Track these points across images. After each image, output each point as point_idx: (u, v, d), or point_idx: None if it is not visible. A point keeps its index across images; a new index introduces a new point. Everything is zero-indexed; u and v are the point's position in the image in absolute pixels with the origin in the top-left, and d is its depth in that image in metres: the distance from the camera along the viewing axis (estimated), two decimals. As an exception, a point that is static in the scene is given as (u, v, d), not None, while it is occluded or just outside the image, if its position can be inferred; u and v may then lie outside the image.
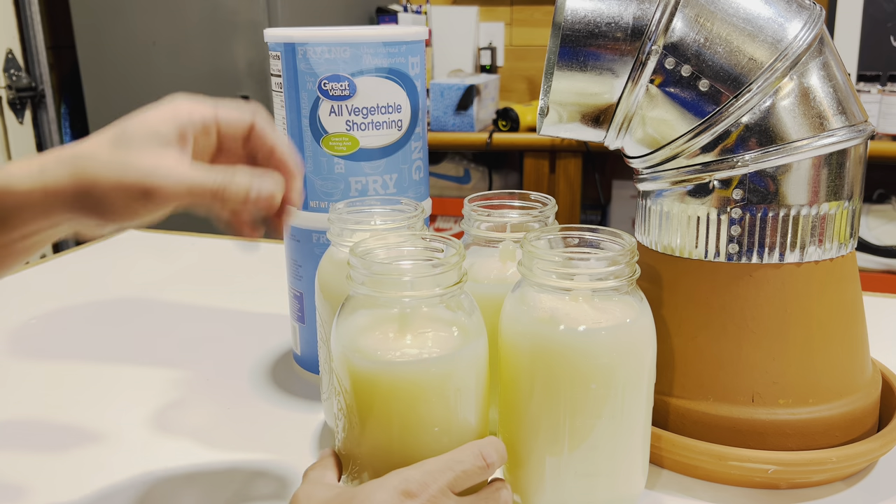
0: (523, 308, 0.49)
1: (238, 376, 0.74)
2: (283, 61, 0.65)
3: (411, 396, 0.45)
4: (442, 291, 0.46)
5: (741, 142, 0.54)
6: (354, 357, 0.45)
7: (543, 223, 0.58)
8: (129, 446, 0.63)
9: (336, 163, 0.66)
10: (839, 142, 0.53)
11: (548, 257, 0.48)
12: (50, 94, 2.35)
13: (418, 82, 0.67)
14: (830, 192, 0.54)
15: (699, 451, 0.55)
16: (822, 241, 0.55)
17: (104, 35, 2.13)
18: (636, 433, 0.50)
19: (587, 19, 0.53)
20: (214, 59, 2.05)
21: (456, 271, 0.46)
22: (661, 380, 0.57)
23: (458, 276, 0.46)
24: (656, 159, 0.57)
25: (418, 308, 0.46)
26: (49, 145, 2.39)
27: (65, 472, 0.59)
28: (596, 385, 0.47)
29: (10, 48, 2.23)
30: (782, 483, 0.55)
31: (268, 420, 0.67)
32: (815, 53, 0.54)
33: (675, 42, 0.53)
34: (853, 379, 0.58)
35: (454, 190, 2.45)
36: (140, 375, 0.75)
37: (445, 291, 0.46)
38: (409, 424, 0.45)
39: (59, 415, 0.68)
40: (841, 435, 0.56)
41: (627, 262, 0.47)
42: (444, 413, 0.46)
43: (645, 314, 0.49)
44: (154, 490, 0.57)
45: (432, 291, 0.45)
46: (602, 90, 0.55)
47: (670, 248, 0.58)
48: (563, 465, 0.49)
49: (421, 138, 0.69)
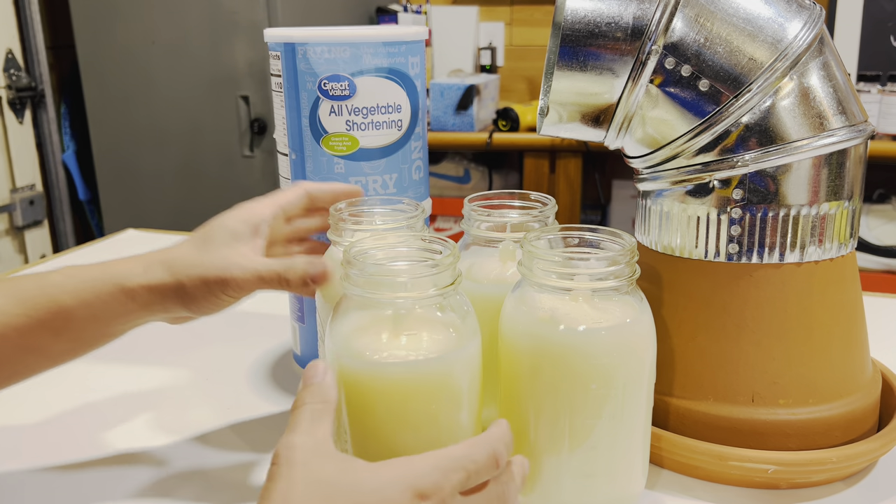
0: (523, 308, 0.49)
1: (238, 376, 0.74)
2: (283, 61, 0.65)
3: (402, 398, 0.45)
4: (436, 293, 0.45)
5: (741, 142, 0.54)
6: (345, 358, 0.45)
7: (543, 223, 0.58)
8: (128, 446, 0.63)
9: (336, 163, 0.66)
10: (839, 142, 0.53)
11: (548, 257, 0.48)
12: (50, 94, 2.35)
13: (418, 82, 0.67)
14: (830, 192, 0.54)
15: (699, 452, 0.55)
16: (822, 241, 0.55)
17: (104, 35, 2.13)
18: (636, 433, 0.50)
19: (587, 19, 0.53)
20: (214, 59, 2.05)
21: (450, 272, 0.46)
22: (661, 380, 0.57)
23: (452, 277, 0.46)
24: (656, 159, 0.57)
25: (412, 309, 0.46)
26: (49, 145, 2.39)
27: (64, 472, 0.59)
28: (596, 385, 0.47)
29: (9, 48, 2.23)
30: (782, 483, 0.55)
31: (268, 420, 0.67)
32: (815, 53, 0.54)
33: (675, 42, 0.53)
34: (853, 379, 0.57)
35: (454, 190, 2.45)
36: (140, 375, 0.75)
37: (440, 292, 0.45)
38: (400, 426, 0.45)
39: (59, 415, 0.68)
40: (841, 435, 0.56)
41: (627, 261, 0.47)
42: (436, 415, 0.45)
43: (645, 314, 0.49)
44: (154, 490, 0.57)
45: (426, 293, 0.45)
46: (602, 90, 0.55)
47: (670, 248, 0.58)
48: (563, 464, 0.49)
49: (421, 138, 0.68)
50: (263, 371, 0.75)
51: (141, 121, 2.16)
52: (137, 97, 2.15)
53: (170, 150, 2.16)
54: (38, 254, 2.37)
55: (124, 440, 0.64)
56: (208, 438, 0.64)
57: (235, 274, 0.51)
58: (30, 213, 2.31)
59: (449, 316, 0.47)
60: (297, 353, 0.74)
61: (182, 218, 2.17)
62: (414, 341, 0.46)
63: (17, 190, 2.27)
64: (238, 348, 0.80)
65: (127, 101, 2.16)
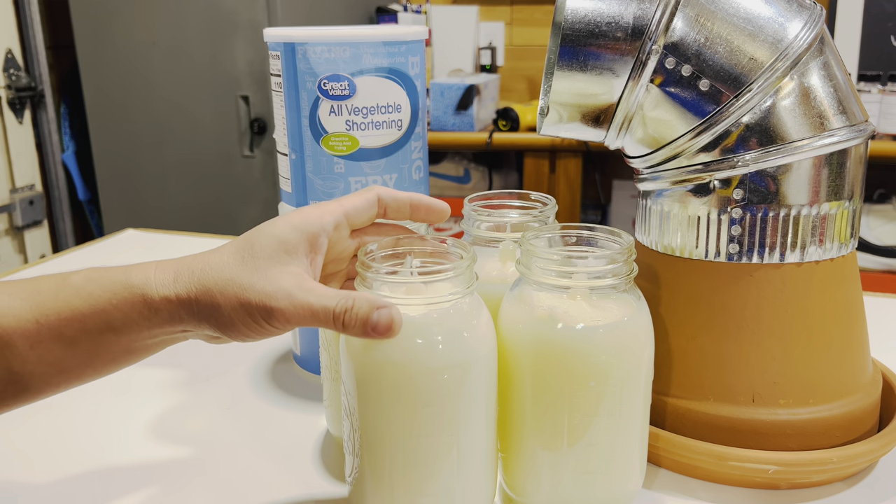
0: (522, 306, 0.49)
1: (238, 376, 0.74)
2: (282, 61, 0.65)
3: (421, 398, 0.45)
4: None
5: (741, 141, 0.53)
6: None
7: (543, 223, 0.58)
8: (128, 446, 0.63)
9: (336, 163, 0.66)
10: (840, 142, 0.53)
11: (546, 255, 0.48)
12: (49, 94, 2.35)
13: (418, 82, 0.67)
14: (831, 191, 0.54)
15: (699, 451, 0.55)
16: (822, 241, 0.55)
17: (104, 35, 2.13)
18: (634, 431, 0.50)
19: (587, 19, 0.53)
20: (214, 59, 2.05)
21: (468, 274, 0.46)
22: (662, 380, 0.57)
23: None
24: (657, 159, 0.57)
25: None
26: (49, 145, 2.40)
27: (64, 472, 0.59)
28: (594, 382, 0.47)
29: (9, 48, 2.23)
30: (782, 483, 0.55)
31: (268, 420, 0.67)
32: (816, 53, 0.54)
33: (676, 42, 0.53)
34: (853, 379, 0.57)
35: (454, 190, 2.45)
36: (139, 375, 0.75)
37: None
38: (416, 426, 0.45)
39: (59, 414, 0.68)
40: (841, 435, 0.56)
41: (625, 260, 0.48)
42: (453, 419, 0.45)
43: (642, 312, 0.49)
44: (153, 490, 0.57)
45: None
46: (602, 90, 0.55)
47: (670, 247, 0.58)
48: (561, 462, 0.49)
49: (421, 138, 0.68)
50: (263, 371, 0.75)
51: (141, 121, 2.16)
52: (137, 97, 2.15)
53: (170, 150, 2.16)
54: (38, 254, 2.37)
55: (124, 440, 0.64)
56: (208, 438, 0.64)
57: (283, 306, 0.42)
58: (29, 213, 2.31)
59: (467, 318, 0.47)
60: (296, 353, 0.74)
61: (182, 218, 2.17)
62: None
63: (17, 190, 2.28)
64: (238, 348, 0.80)
65: (127, 101, 2.16)
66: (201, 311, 0.43)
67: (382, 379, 0.45)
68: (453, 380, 0.45)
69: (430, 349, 0.45)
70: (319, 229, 0.45)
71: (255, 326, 0.43)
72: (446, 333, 0.45)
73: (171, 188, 2.19)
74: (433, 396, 0.45)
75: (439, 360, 0.45)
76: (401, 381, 0.45)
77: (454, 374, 0.45)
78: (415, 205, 0.49)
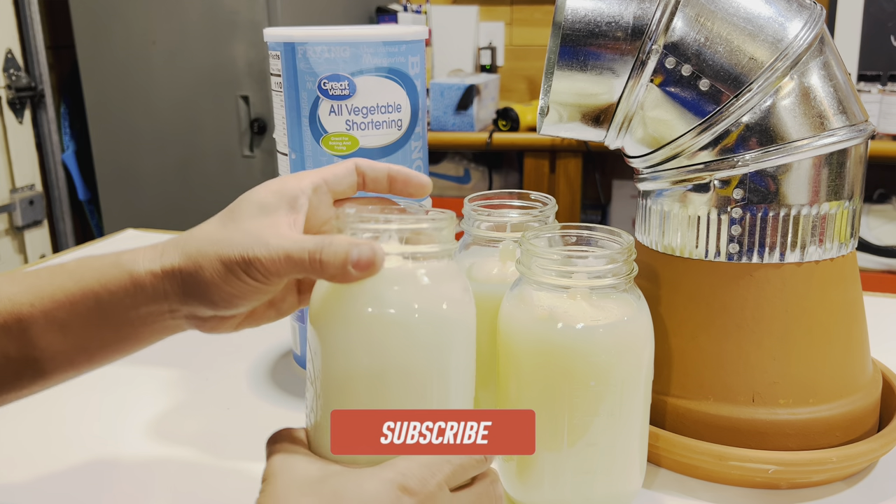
0: (522, 306, 0.49)
1: (238, 376, 0.74)
2: (282, 61, 0.65)
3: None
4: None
5: (741, 141, 0.53)
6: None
7: (543, 223, 0.58)
8: (128, 446, 0.63)
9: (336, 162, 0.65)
10: (840, 141, 0.53)
11: (546, 255, 0.48)
12: (49, 94, 2.35)
13: (418, 82, 0.67)
14: (831, 191, 0.54)
15: (699, 451, 0.55)
16: (822, 240, 0.55)
17: (104, 35, 2.13)
18: (634, 430, 0.50)
19: (587, 19, 0.53)
20: (214, 58, 2.05)
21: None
22: (662, 380, 0.57)
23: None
24: (656, 159, 0.57)
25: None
26: (49, 145, 2.40)
27: (64, 471, 0.59)
28: (594, 382, 0.47)
29: (9, 48, 2.23)
30: (783, 483, 0.55)
31: (268, 420, 0.67)
32: (816, 53, 0.54)
33: (676, 41, 0.53)
34: (853, 379, 0.57)
35: (454, 190, 2.45)
36: (139, 375, 0.75)
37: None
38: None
39: (58, 413, 0.68)
40: (841, 435, 0.56)
41: (625, 260, 0.48)
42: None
43: (642, 312, 0.49)
44: (153, 490, 0.57)
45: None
46: (602, 90, 0.55)
47: (670, 247, 0.58)
48: (561, 461, 0.49)
49: (421, 138, 0.68)
50: (263, 371, 0.75)
51: (141, 121, 2.16)
52: (137, 97, 2.15)
53: (169, 150, 2.16)
54: (38, 254, 2.37)
55: (124, 439, 0.64)
56: (208, 438, 0.64)
57: (259, 253, 0.41)
58: (29, 213, 2.31)
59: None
60: (296, 353, 0.74)
61: (182, 218, 2.17)
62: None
63: (17, 190, 2.28)
64: (238, 348, 0.80)
65: (127, 100, 2.16)
66: (185, 281, 0.43)
67: (350, 327, 0.42)
68: (427, 335, 0.42)
69: (405, 297, 0.42)
70: (298, 191, 0.45)
71: (237, 283, 0.42)
72: (421, 285, 0.43)
73: (171, 188, 2.19)
74: (404, 349, 0.42)
75: (415, 311, 0.42)
76: (374, 331, 0.42)
77: (428, 329, 0.42)
78: (392, 176, 0.49)
